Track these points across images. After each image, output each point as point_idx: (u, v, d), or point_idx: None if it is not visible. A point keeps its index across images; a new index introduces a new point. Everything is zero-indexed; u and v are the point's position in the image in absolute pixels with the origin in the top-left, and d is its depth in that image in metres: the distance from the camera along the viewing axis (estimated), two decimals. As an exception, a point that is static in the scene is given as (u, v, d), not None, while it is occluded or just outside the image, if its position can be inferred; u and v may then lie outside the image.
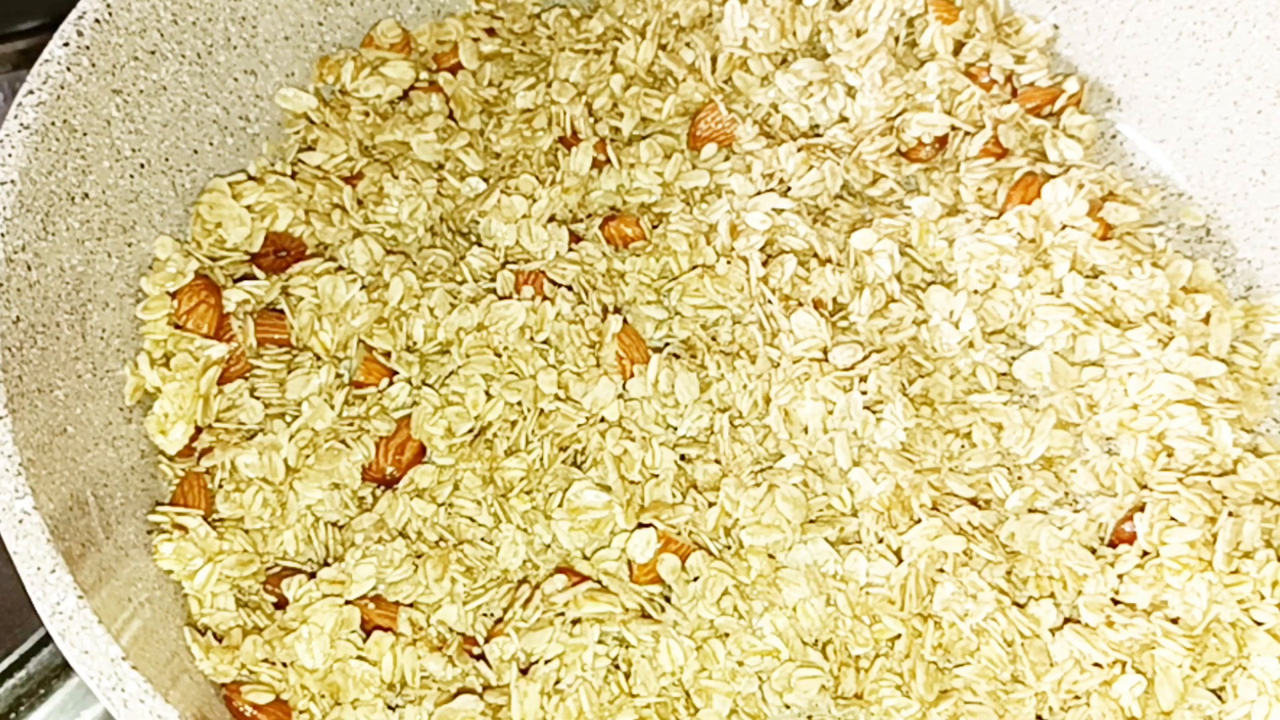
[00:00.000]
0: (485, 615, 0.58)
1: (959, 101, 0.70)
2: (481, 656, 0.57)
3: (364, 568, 0.56)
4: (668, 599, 0.58)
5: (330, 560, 0.58)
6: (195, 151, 0.63)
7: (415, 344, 0.62)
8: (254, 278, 0.63)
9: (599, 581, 0.58)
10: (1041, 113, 0.71)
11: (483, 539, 0.58)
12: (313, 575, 0.57)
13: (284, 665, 0.54)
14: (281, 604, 0.56)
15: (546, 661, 0.56)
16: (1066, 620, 0.59)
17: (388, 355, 0.61)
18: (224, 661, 0.54)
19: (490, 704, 0.55)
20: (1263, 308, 0.67)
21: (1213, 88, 0.70)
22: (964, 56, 0.71)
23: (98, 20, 0.57)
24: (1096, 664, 0.57)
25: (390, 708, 0.55)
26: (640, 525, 0.59)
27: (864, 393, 0.61)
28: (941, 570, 0.58)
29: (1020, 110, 0.70)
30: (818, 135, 0.70)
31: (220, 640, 0.55)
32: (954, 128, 0.69)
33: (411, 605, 0.57)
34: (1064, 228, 0.66)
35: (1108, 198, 0.68)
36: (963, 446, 0.62)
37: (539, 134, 0.68)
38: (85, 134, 0.56)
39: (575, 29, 0.72)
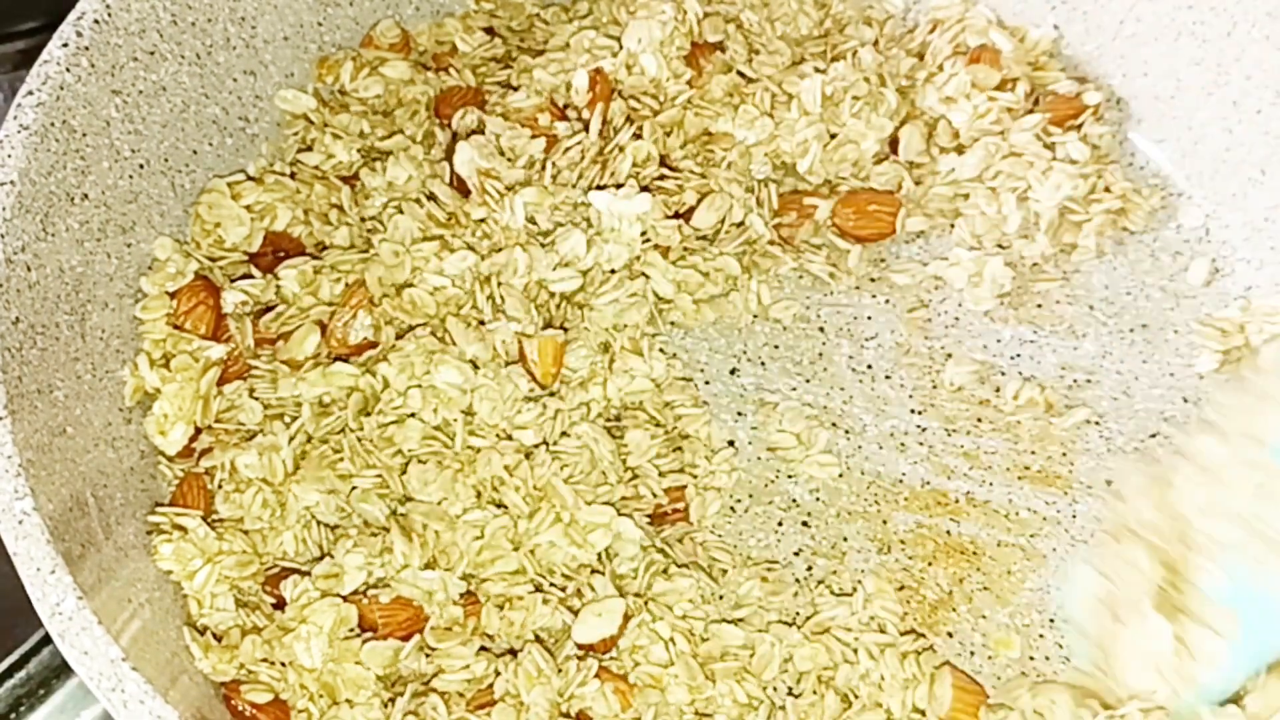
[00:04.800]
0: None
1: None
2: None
3: (354, 557, 0.56)
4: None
5: (323, 557, 0.57)
6: (195, 152, 0.63)
7: (415, 344, 0.62)
8: (252, 277, 0.63)
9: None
10: (1064, 124, 0.70)
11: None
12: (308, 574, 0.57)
13: (283, 665, 0.54)
14: (280, 604, 0.56)
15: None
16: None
17: (387, 355, 0.61)
18: (223, 661, 0.54)
19: None
20: (1263, 308, 0.67)
21: (1212, 88, 0.70)
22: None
23: (97, 21, 0.57)
24: None
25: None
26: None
27: None
28: None
29: (1043, 120, 0.69)
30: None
31: (219, 640, 0.55)
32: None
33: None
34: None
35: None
36: None
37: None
38: (85, 134, 0.56)
39: (574, 29, 0.72)
